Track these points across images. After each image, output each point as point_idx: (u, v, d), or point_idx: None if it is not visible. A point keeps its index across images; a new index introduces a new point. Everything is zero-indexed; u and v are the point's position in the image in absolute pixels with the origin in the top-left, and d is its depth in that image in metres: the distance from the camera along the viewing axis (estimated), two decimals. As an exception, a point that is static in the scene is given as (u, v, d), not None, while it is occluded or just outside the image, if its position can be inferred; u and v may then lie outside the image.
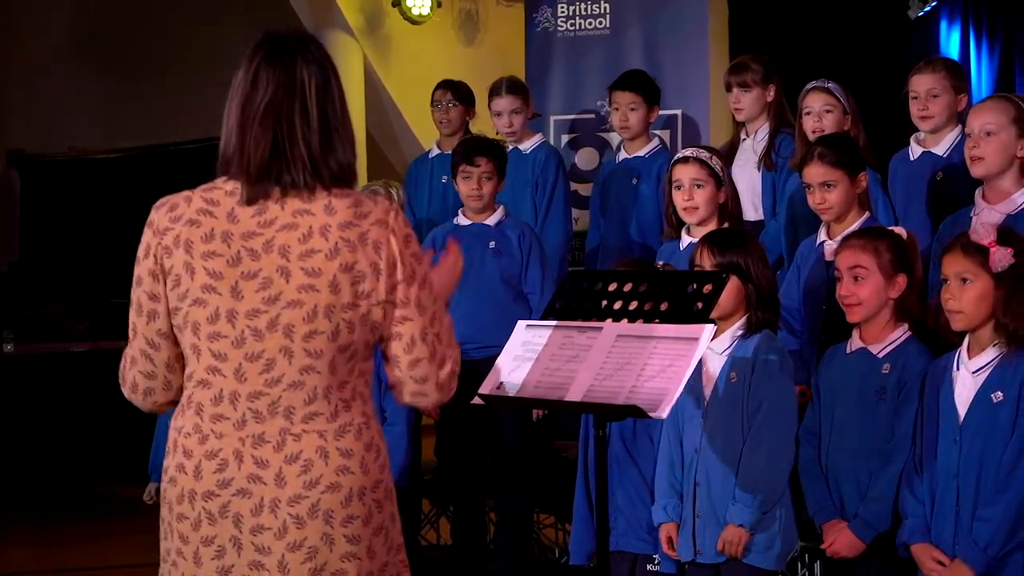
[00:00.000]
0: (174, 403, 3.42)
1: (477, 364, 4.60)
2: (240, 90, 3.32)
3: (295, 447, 3.24)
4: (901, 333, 4.96)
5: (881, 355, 4.96)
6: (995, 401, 4.54)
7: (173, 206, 3.32)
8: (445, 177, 7.68)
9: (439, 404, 3.44)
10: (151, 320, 3.33)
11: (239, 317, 3.24)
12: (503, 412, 6.67)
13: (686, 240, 5.99)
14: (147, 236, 3.34)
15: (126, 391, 3.43)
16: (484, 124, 8.08)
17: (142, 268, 3.33)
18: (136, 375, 3.39)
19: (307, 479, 3.23)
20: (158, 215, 3.33)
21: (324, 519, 3.24)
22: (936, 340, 4.89)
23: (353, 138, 3.39)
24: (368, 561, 3.29)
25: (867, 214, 5.68)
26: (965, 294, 4.57)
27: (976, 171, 5.34)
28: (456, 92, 8.08)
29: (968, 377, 4.63)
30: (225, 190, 3.31)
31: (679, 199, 5.94)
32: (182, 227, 3.28)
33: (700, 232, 5.79)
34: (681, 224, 6.05)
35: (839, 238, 5.42)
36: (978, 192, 5.38)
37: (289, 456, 3.24)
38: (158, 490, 3.66)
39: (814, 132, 6.36)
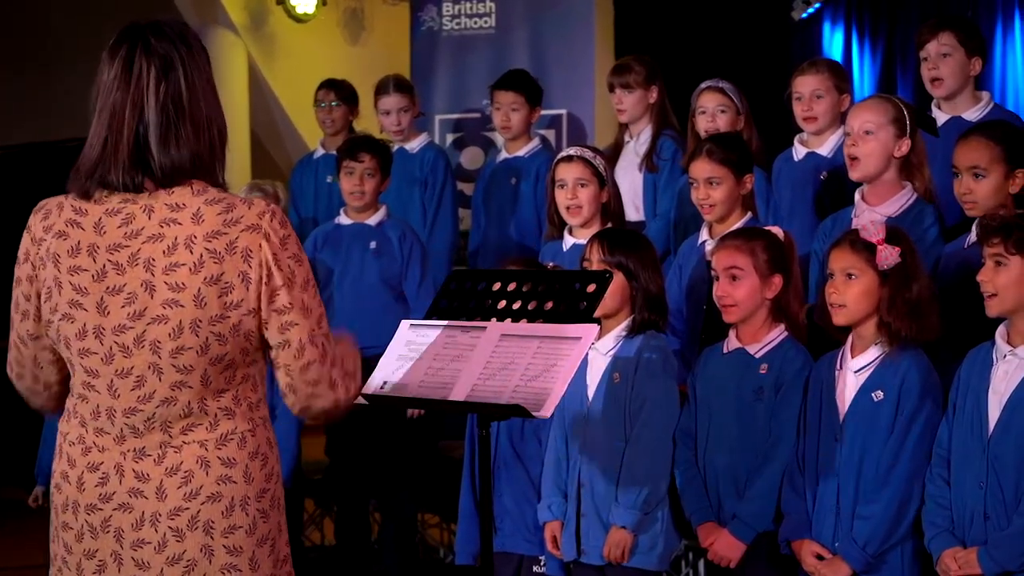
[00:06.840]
0: (56, 401, 3.38)
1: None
2: (95, 84, 3.22)
3: (175, 459, 3.18)
4: (778, 333, 4.95)
5: (758, 355, 4.94)
6: (875, 400, 4.58)
7: (47, 213, 3.25)
8: (330, 177, 7.66)
9: (337, 407, 3.31)
10: (23, 319, 3.29)
11: (106, 333, 3.16)
12: (385, 412, 6.64)
13: (569, 241, 5.98)
14: (26, 241, 3.28)
15: (8, 374, 3.42)
16: (368, 123, 8.05)
17: (21, 271, 3.29)
18: (12, 360, 3.37)
19: (187, 491, 3.17)
20: (34, 221, 3.27)
21: (204, 530, 3.17)
22: (813, 340, 4.92)
23: (209, 133, 3.20)
24: (251, 572, 3.21)
25: (749, 215, 5.70)
26: (849, 289, 4.61)
27: (854, 174, 5.35)
28: (339, 92, 8.05)
29: (851, 376, 4.66)
30: (95, 198, 3.21)
31: (562, 198, 5.92)
32: (51, 239, 3.21)
33: (584, 233, 5.79)
34: (563, 224, 6.04)
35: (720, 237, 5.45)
36: (858, 193, 5.39)
37: (170, 468, 3.17)
38: (45, 493, 3.61)
39: (707, 132, 6.37)
